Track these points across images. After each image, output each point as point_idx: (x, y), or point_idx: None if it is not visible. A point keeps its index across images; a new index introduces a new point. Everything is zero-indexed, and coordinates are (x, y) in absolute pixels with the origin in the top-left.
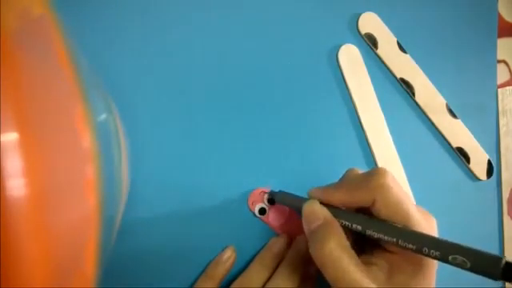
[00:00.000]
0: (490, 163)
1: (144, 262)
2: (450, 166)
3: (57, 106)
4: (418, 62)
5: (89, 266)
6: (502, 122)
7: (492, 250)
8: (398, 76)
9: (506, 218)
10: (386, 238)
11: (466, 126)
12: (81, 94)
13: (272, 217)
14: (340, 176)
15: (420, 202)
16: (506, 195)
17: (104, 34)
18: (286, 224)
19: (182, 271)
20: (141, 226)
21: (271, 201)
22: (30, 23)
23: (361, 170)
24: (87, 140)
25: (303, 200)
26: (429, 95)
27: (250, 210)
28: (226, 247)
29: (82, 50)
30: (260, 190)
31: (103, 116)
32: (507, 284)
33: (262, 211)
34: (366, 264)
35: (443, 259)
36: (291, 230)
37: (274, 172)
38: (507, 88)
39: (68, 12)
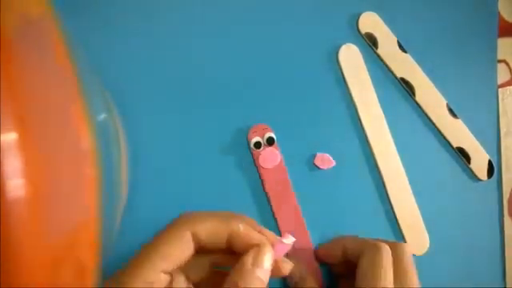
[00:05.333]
0: (490, 163)
1: None
2: (451, 166)
3: (56, 106)
4: (418, 61)
5: (89, 266)
6: (502, 122)
7: (492, 250)
8: (399, 76)
9: (506, 218)
10: None
11: (467, 125)
12: (80, 94)
13: (263, 158)
14: (339, 174)
15: (420, 201)
16: (506, 195)
17: (104, 34)
18: (273, 172)
19: None
20: (141, 226)
21: (270, 140)
22: (30, 23)
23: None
24: (86, 140)
25: None
26: (429, 95)
27: (248, 140)
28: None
29: (82, 50)
30: (264, 126)
31: (103, 116)
32: (508, 284)
33: (258, 145)
34: None
35: None
36: (275, 178)
37: None
38: (507, 88)
39: (68, 12)
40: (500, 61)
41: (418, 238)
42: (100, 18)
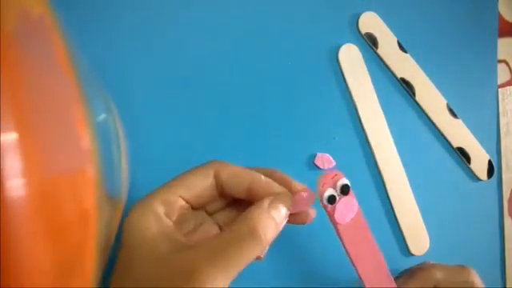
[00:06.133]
0: (490, 163)
1: None
2: (451, 165)
3: (56, 107)
4: (418, 61)
5: (88, 266)
6: (502, 121)
7: (492, 250)
8: (399, 76)
9: (506, 218)
10: None
11: (467, 125)
12: (80, 94)
13: (340, 211)
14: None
15: (420, 201)
16: (506, 195)
17: (104, 34)
18: (350, 227)
19: None
20: None
21: (345, 189)
22: (30, 24)
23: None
24: (87, 140)
25: None
26: (429, 95)
27: (317, 195)
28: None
29: (81, 50)
30: (334, 173)
31: (103, 116)
32: (508, 284)
33: (332, 199)
34: None
35: None
36: (354, 236)
37: None
38: (507, 88)
39: (68, 12)
40: (500, 61)
41: (418, 238)
42: (100, 18)
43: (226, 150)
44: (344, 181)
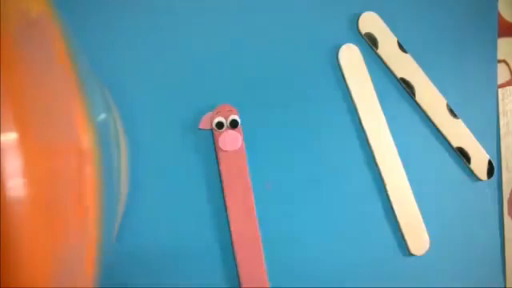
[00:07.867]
0: (490, 163)
1: (143, 261)
2: (451, 166)
3: (56, 106)
4: (418, 61)
5: (88, 266)
6: (502, 122)
7: (492, 250)
8: (399, 76)
9: (506, 218)
10: None
11: (467, 125)
12: (80, 94)
13: (223, 138)
14: (339, 174)
15: (420, 202)
16: (506, 195)
17: (104, 34)
18: (230, 157)
19: (182, 270)
20: (140, 226)
21: (234, 123)
22: (30, 23)
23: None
24: (87, 140)
25: None
26: (429, 95)
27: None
28: None
29: (81, 50)
30: (230, 108)
31: (103, 116)
32: (508, 284)
33: (220, 125)
34: None
35: None
36: (231, 166)
37: (274, 172)
38: (507, 88)
39: (68, 11)
40: (500, 61)
41: (417, 238)
42: (100, 17)
43: None
44: (235, 117)
